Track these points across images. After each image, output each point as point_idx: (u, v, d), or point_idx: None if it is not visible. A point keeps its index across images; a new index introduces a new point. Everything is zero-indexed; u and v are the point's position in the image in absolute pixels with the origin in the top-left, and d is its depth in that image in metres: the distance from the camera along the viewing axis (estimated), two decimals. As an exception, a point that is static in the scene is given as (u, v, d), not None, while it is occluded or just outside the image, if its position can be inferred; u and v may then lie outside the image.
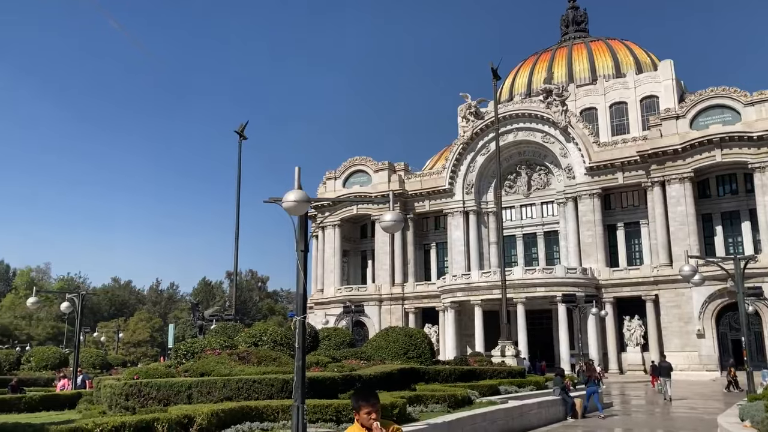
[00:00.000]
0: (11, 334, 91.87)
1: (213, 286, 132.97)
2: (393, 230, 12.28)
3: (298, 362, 11.25)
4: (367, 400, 5.37)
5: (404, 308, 74.54)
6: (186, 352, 19.78)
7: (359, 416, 5.37)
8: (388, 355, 25.91)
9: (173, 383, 14.57)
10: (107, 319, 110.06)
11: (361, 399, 5.41)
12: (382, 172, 76.79)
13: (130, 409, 14.12)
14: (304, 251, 11.93)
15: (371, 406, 5.35)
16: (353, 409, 5.45)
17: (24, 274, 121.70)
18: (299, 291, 11.96)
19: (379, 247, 76.12)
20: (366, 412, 5.32)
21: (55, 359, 41.78)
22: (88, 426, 9.68)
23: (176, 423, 10.47)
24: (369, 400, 5.37)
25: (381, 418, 5.37)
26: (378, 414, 5.36)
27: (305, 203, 11.05)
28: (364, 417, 5.32)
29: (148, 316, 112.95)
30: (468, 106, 74.49)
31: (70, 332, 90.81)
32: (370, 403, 5.36)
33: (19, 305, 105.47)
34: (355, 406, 5.42)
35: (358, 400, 5.42)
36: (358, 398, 5.45)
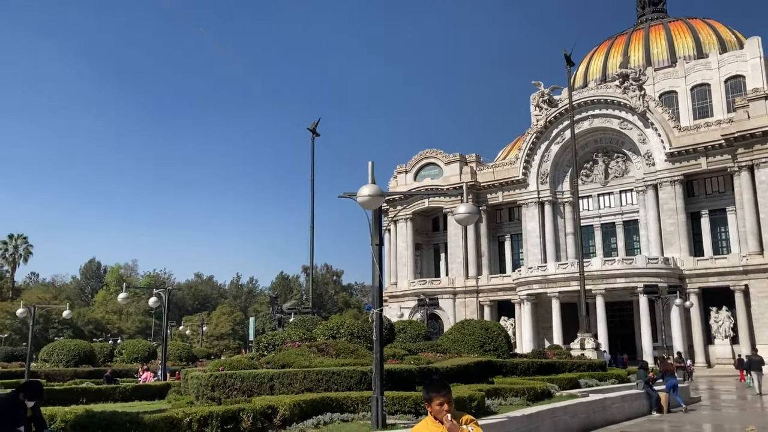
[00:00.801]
0: (104, 328, 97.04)
1: (290, 280, 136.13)
2: (467, 222, 12.24)
3: (376, 354, 11.40)
4: (438, 391, 5.28)
5: (479, 301, 73.99)
6: (267, 345, 20.37)
7: (431, 408, 5.28)
8: (464, 348, 25.85)
9: (256, 375, 15.03)
10: (191, 313, 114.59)
11: (432, 390, 5.32)
12: (453, 164, 76.32)
13: (216, 399, 14.70)
14: (379, 245, 12.06)
15: (443, 396, 5.25)
16: (425, 400, 5.37)
17: (114, 271, 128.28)
18: (375, 284, 12.12)
19: (452, 239, 75.78)
20: (438, 403, 5.22)
21: (144, 352, 43.90)
22: (178, 415, 10.13)
23: (260, 413, 10.80)
24: (440, 391, 5.28)
25: (456, 410, 5.30)
26: (450, 405, 5.26)
27: (379, 197, 11.16)
28: (436, 408, 5.23)
29: (229, 310, 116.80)
30: (541, 94, 72.99)
31: (157, 326, 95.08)
32: (441, 394, 5.26)
33: (110, 300, 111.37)
34: (427, 398, 5.34)
35: (429, 392, 5.34)
36: (430, 390, 5.36)
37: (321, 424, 11.39)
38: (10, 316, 78.31)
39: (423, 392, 5.43)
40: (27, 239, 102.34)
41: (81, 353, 39.40)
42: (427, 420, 5.33)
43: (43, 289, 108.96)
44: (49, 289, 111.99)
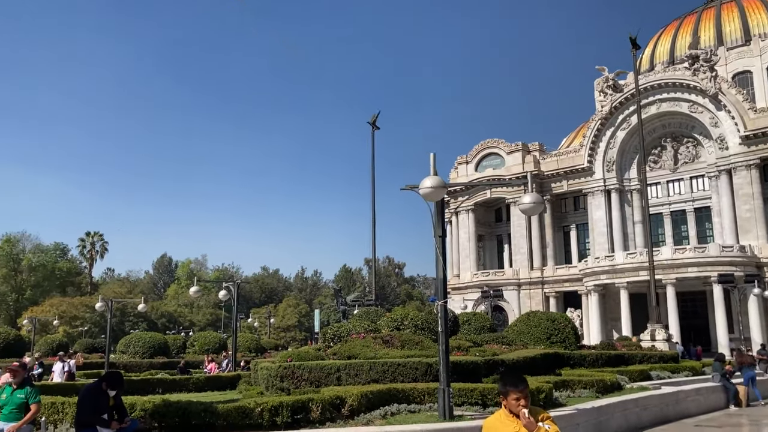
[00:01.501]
0: (176, 321, 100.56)
1: (353, 272, 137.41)
2: (532, 212, 12.09)
3: (442, 346, 11.43)
4: (516, 385, 5.06)
5: (544, 292, 72.81)
6: (333, 336, 20.68)
7: (507, 402, 5.07)
8: (530, 340, 25.58)
9: (323, 366, 15.30)
10: (258, 305, 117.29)
11: (509, 384, 5.11)
12: (515, 154, 75.21)
13: (284, 389, 15.04)
14: (442, 236, 12.06)
15: (520, 391, 5.04)
16: (500, 394, 5.16)
17: (184, 265, 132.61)
18: (439, 276, 12.13)
19: (515, 230, 74.81)
20: (514, 398, 5.02)
21: (215, 343, 45.31)
22: (250, 405, 10.44)
23: (329, 403, 11.01)
24: (518, 385, 5.06)
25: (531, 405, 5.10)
26: (527, 400, 5.05)
27: (441, 189, 11.15)
28: (512, 403, 5.03)
29: (295, 302, 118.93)
30: (605, 80, 70.97)
31: (226, 318, 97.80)
32: (519, 388, 5.05)
33: (182, 294, 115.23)
34: (503, 391, 5.13)
35: (506, 385, 5.12)
36: (506, 383, 5.15)
37: (388, 414, 11.51)
38: (89, 310, 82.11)
39: (499, 385, 5.24)
40: (103, 236, 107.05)
41: (156, 345, 41.01)
42: (501, 414, 5.14)
43: (119, 283, 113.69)
44: (125, 283, 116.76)
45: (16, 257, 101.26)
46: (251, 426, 10.17)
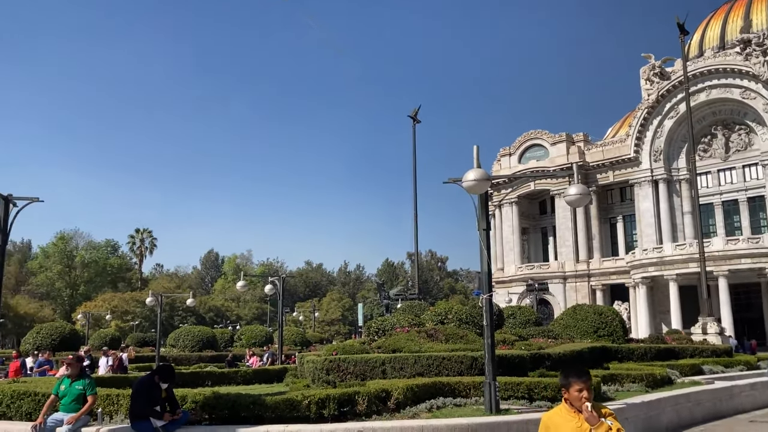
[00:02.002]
0: (223, 315, 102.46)
1: (395, 266, 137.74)
2: (578, 204, 11.92)
3: (487, 340, 11.38)
4: (579, 376, 4.89)
5: (590, 285, 71.64)
6: (377, 330, 20.78)
7: (569, 394, 4.90)
8: (576, 334, 25.24)
9: (368, 359, 15.39)
10: (303, 299, 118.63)
11: (572, 375, 4.92)
12: (559, 145, 74.06)
13: (330, 382, 15.19)
14: (486, 230, 12.00)
15: (583, 383, 4.86)
16: (561, 386, 4.99)
17: (231, 261, 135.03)
18: (483, 269, 12.07)
19: (560, 222, 73.73)
20: (577, 389, 4.85)
21: (261, 337, 46.01)
22: (297, 398, 10.59)
23: (375, 396, 11.07)
24: (581, 376, 4.89)
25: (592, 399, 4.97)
26: (590, 393, 4.88)
27: (485, 181, 11.09)
28: (575, 395, 4.86)
29: (338, 296, 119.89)
30: (651, 67, 69.21)
31: (272, 312, 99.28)
32: (582, 379, 4.87)
33: (228, 289, 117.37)
34: (564, 384, 4.94)
35: (569, 377, 4.92)
36: (569, 374, 4.94)
37: (434, 408, 11.52)
38: (139, 305, 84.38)
39: (560, 377, 5.07)
40: (152, 233, 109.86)
41: (204, 339, 41.86)
42: (561, 408, 5.00)
43: (168, 279, 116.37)
44: (173, 279, 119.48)
45: (70, 254, 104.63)
46: (299, 418, 10.31)
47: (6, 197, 13.38)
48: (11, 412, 11.73)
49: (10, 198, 13.47)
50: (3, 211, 13.36)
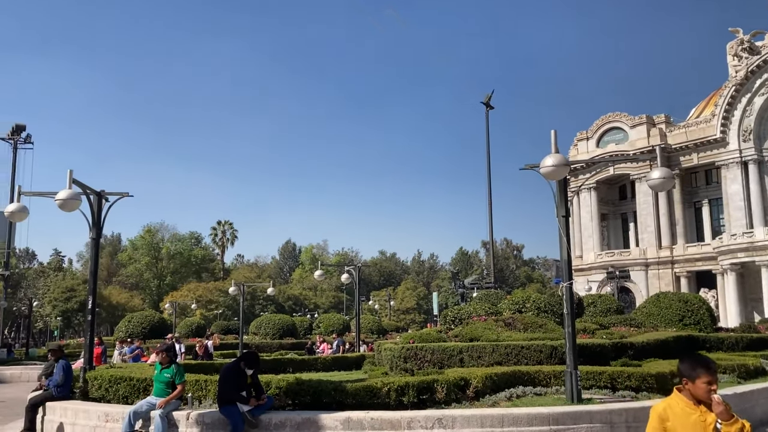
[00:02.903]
0: (302, 303, 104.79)
1: (470, 255, 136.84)
2: (662, 188, 11.50)
3: (568, 328, 11.18)
4: (708, 367, 4.52)
5: (674, 272, 68.85)
6: (454, 318, 20.77)
7: (693, 386, 4.52)
8: (660, 322, 24.46)
9: (446, 347, 15.42)
10: (378, 288, 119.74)
11: (700, 366, 4.53)
12: (639, 127, 71.27)
13: (408, 370, 15.32)
14: (565, 216, 11.77)
15: (712, 375, 4.50)
16: (684, 377, 4.60)
17: (307, 251, 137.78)
18: (563, 257, 11.85)
19: (641, 208, 71.10)
20: (706, 381, 4.48)
21: (339, 325, 46.81)
22: (377, 385, 10.75)
23: (453, 384, 11.10)
24: (710, 367, 4.53)
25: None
26: (716, 386, 4.54)
27: (564, 167, 10.86)
28: (702, 387, 4.48)
29: (413, 285, 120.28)
30: (740, 42, 65.46)
31: (348, 301, 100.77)
32: (711, 371, 4.51)
33: (306, 278, 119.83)
34: (689, 375, 4.54)
35: (696, 368, 4.52)
36: (696, 365, 4.54)
37: (514, 396, 11.43)
38: (222, 294, 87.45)
39: (682, 367, 4.64)
40: (232, 224, 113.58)
41: (284, 327, 42.98)
42: (678, 399, 4.62)
43: (248, 269, 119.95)
44: (253, 269, 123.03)
45: (156, 246, 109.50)
46: (378, 405, 10.46)
47: (99, 193, 14.14)
48: (109, 395, 12.47)
49: (103, 194, 14.22)
50: (96, 207, 14.14)
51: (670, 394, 4.75)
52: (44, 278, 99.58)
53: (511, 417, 9.79)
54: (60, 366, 13.36)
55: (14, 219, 14.03)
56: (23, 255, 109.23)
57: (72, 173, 13.03)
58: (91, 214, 13.96)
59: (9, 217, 13.87)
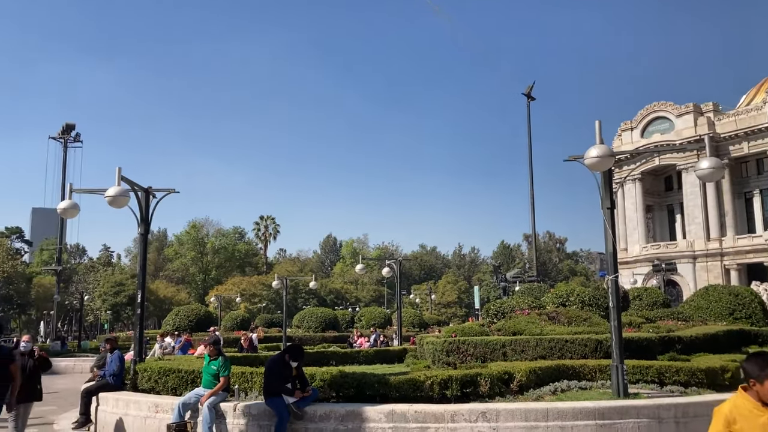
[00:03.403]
0: (343, 297, 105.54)
1: (511, 248, 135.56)
2: (711, 178, 11.21)
3: (614, 322, 11.01)
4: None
5: (723, 264, 66.93)
6: (496, 312, 20.66)
7: (762, 387, 4.17)
8: (709, 316, 23.87)
9: (488, 341, 15.36)
10: (419, 282, 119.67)
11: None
12: (686, 116, 69.34)
13: (450, 364, 15.30)
14: (610, 208, 11.59)
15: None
16: (751, 377, 4.26)
17: (348, 245, 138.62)
18: (608, 249, 11.67)
19: (688, 199, 69.27)
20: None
21: (380, 318, 46.99)
22: (420, 378, 10.77)
23: (497, 378, 11.05)
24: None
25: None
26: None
27: (609, 158, 10.69)
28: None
29: (454, 279, 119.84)
30: (792, 26, 63.12)
31: (389, 294, 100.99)
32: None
33: (347, 272, 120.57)
34: (757, 375, 4.19)
35: (765, 368, 4.16)
36: (765, 365, 4.17)
37: (558, 390, 11.33)
38: (265, 288, 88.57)
39: (749, 366, 4.31)
40: (275, 219, 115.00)
41: (327, 320, 43.34)
42: (743, 400, 4.29)
43: (290, 263, 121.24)
44: (295, 263, 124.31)
45: (201, 241, 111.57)
46: (422, 398, 10.49)
47: (146, 189, 14.49)
48: (159, 386, 12.81)
49: (150, 190, 14.57)
50: (144, 203, 14.50)
51: (720, 390, 4.61)
52: (94, 273, 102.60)
53: (556, 411, 9.70)
54: (115, 356, 13.83)
55: (66, 216, 14.47)
56: (74, 251, 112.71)
57: (120, 170, 13.38)
58: (139, 210, 14.33)
59: (61, 213, 14.29)
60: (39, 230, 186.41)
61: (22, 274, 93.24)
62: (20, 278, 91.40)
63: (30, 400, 11.48)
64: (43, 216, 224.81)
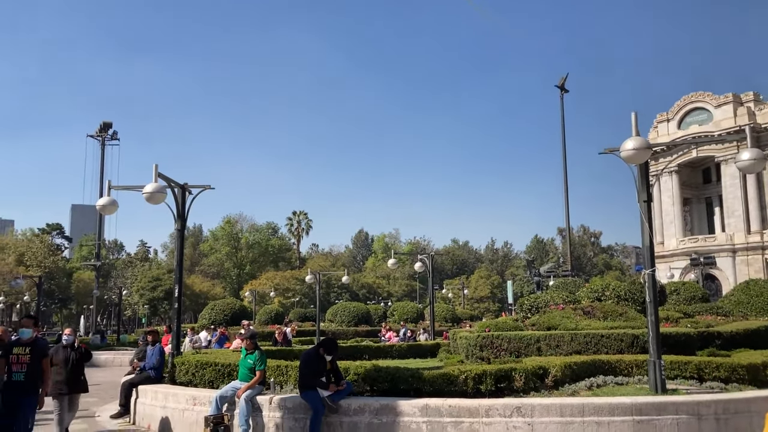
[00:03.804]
0: (375, 292, 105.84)
1: (545, 243, 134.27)
2: (752, 170, 10.98)
3: (651, 317, 10.85)
4: None
5: (765, 258, 65.21)
6: (530, 307, 20.52)
7: None
8: (750, 311, 23.38)
9: (522, 336, 15.27)
10: (451, 277, 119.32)
11: None
12: (725, 107, 67.64)
13: (484, 359, 15.26)
14: (647, 201, 11.42)
15: None
16: None
17: (380, 239, 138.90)
18: (645, 243, 11.49)
19: (727, 191, 67.63)
20: None
21: (413, 313, 47.01)
22: (455, 372, 10.76)
23: (532, 373, 10.98)
24: None
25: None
26: None
27: (645, 150, 10.52)
28: None
29: (486, 274, 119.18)
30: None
31: (421, 289, 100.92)
32: None
33: (378, 267, 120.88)
34: None
35: None
36: None
37: (594, 386, 11.21)
38: (299, 282, 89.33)
39: None
40: (307, 215, 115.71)
41: (359, 314, 43.53)
42: None
43: (323, 258, 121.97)
44: (327, 257, 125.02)
45: (236, 236, 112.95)
46: (455, 392, 10.47)
47: (182, 186, 14.72)
48: (196, 379, 13.04)
49: (186, 186, 14.80)
50: (180, 199, 14.73)
51: (762, 386, 4.52)
52: (132, 268, 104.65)
53: (592, 406, 9.61)
54: (156, 349, 14.09)
55: (105, 212, 14.77)
56: (112, 246, 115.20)
57: (157, 167, 13.62)
58: (176, 207, 14.57)
59: (100, 210, 14.60)
60: (78, 227, 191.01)
61: (63, 270, 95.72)
62: (61, 273, 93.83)
63: (76, 391, 11.73)
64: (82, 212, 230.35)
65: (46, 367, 9.91)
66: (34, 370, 9.55)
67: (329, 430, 10.33)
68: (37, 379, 9.63)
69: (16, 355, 9.52)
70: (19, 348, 9.64)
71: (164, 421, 12.50)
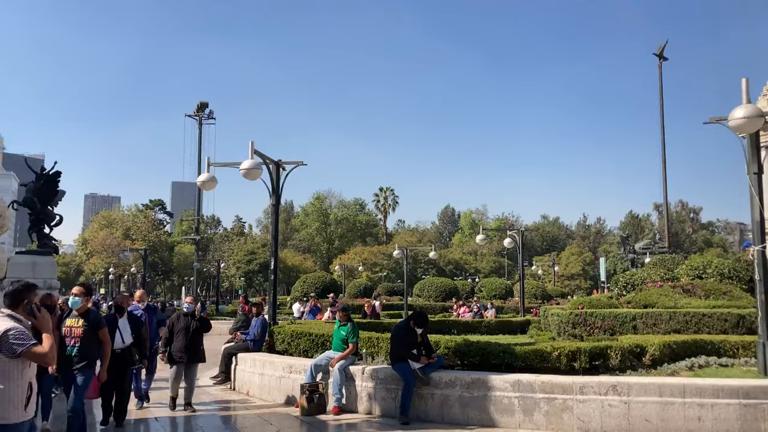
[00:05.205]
0: (462, 268, 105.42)
1: (640, 219, 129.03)
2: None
3: (761, 296, 10.26)
4: None
5: None
6: (625, 284, 19.92)
7: None
8: None
9: (617, 314, 14.86)
10: (540, 253, 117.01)
11: None
12: None
13: (576, 336, 14.96)
14: (758, 173, 10.75)
15: None
16: None
17: (466, 215, 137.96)
18: (755, 218, 10.85)
19: None
20: None
21: (501, 289, 46.60)
22: (547, 349, 10.61)
23: (628, 351, 10.68)
24: None
25: None
26: None
27: (758, 118, 9.88)
28: None
29: (578, 251, 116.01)
30: None
31: (509, 266, 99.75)
32: None
33: (465, 243, 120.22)
34: None
35: None
36: None
37: (695, 366, 10.76)
38: (386, 257, 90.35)
39: None
40: (394, 191, 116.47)
41: (446, 290, 43.63)
42: None
43: (409, 233, 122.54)
44: (414, 233, 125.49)
45: (325, 212, 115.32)
46: (547, 369, 10.34)
47: (277, 162, 15.15)
48: (292, 348, 13.53)
49: (280, 163, 15.22)
50: (275, 175, 15.18)
51: None
52: (228, 242, 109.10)
53: (694, 387, 9.23)
54: (259, 321, 14.58)
55: (205, 188, 15.45)
56: (210, 221, 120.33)
57: (253, 144, 14.07)
58: (270, 182, 15.04)
59: (201, 186, 15.29)
60: (178, 202, 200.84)
61: (165, 243, 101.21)
62: (163, 247, 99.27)
63: (194, 361, 12.00)
64: (181, 189, 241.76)
65: (105, 338, 8.90)
66: (88, 343, 8.62)
67: (421, 401, 10.46)
68: (93, 353, 8.66)
69: (69, 328, 8.64)
70: (72, 320, 8.69)
71: (262, 387, 13.06)
